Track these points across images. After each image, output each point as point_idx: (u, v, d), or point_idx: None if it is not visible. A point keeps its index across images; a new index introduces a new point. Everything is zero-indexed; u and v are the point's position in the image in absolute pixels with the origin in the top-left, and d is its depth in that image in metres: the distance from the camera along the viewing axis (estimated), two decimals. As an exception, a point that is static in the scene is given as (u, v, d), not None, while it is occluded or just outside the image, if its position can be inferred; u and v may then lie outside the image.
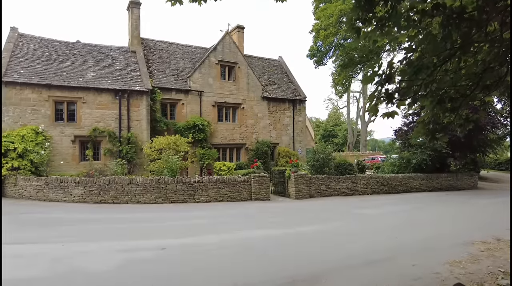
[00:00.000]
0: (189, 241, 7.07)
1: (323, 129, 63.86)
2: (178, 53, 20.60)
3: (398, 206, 12.91)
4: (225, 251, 6.40)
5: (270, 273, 5.29)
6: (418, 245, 7.21)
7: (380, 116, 3.97)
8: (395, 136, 22.26)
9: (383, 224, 9.39)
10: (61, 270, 5.19)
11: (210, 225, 8.90)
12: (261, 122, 21.30)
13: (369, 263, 5.91)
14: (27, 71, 14.77)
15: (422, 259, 6.15)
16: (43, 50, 16.43)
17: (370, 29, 3.77)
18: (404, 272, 5.51)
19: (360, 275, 5.32)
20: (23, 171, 12.81)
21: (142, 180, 12.12)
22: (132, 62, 17.88)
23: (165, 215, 10.23)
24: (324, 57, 24.62)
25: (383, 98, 3.80)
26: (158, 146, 13.93)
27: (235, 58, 20.31)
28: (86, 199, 11.85)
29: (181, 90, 18.45)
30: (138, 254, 6.05)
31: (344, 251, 6.60)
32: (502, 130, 22.44)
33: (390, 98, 3.81)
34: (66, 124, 15.15)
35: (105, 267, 5.36)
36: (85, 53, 17.34)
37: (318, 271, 5.42)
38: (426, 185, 18.16)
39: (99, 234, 7.52)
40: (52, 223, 8.62)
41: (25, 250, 6.17)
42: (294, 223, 9.28)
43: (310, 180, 14.76)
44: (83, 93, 15.33)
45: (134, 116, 16.27)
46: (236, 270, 5.36)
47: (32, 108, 14.44)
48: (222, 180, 13.12)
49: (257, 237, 7.57)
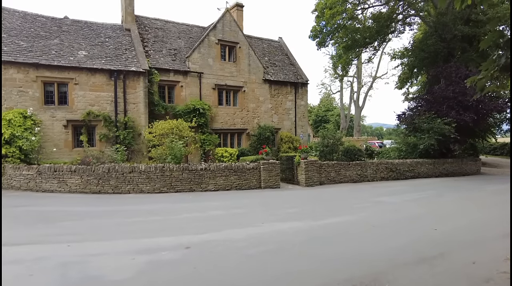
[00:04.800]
0: (212, 237, 6.24)
1: (315, 114, 63.22)
2: (175, 32, 19.27)
3: (414, 193, 12.36)
4: (259, 249, 5.60)
5: (322, 276, 4.54)
6: (461, 238, 6.60)
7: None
8: (398, 120, 21.70)
9: (410, 213, 8.78)
10: (74, 279, 4.30)
11: (228, 217, 8.09)
12: (262, 107, 20.37)
13: (423, 260, 5.25)
14: (11, 49, 13.34)
15: (478, 255, 5.53)
16: (27, 26, 14.93)
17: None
18: (468, 272, 4.87)
19: (422, 276, 4.63)
20: (11, 159, 11.63)
21: (145, 167, 11.15)
22: (127, 41, 16.53)
23: (175, 206, 9.35)
24: (327, 38, 23.57)
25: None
26: (160, 131, 12.89)
27: (235, 38, 19.14)
28: (84, 189, 10.84)
29: (179, 72, 17.26)
30: (160, 256, 5.20)
31: (388, 246, 5.90)
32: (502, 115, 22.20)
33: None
34: (57, 108, 13.87)
35: (125, 274, 4.49)
36: (75, 30, 15.89)
37: (374, 272, 4.71)
38: (433, 170, 17.74)
39: (109, 231, 6.61)
40: (50, 217, 7.63)
41: (25, 253, 5.22)
42: (316, 214, 8.56)
43: (320, 166, 14.05)
44: (75, 73, 14.02)
45: (131, 99, 15.08)
46: (283, 275, 4.58)
47: (19, 90, 13.11)
48: (231, 167, 12.26)
49: (285, 231, 6.80)
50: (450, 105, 18.47)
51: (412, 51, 24.18)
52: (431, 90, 20.30)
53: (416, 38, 26.80)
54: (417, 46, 23.18)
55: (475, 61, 20.80)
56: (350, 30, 22.71)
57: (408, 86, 30.96)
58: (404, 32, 21.94)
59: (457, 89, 18.44)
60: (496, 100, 19.54)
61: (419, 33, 27.62)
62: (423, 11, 23.89)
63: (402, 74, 28.28)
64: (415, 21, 26.26)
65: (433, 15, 22.66)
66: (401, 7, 24.24)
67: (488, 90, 3.22)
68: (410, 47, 25.68)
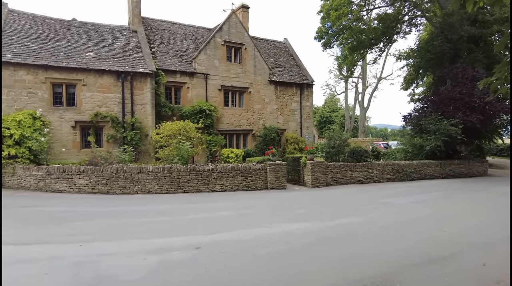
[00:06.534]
0: (222, 237, 6.29)
1: (319, 115, 63.07)
2: (181, 33, 19.39)
3: (421, 195, 12.32)
4: (268, 249, 5.64)
5: (332, 276, 4.57)
6: (470, 239, 6.60)
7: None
8: (404, 122, 21.62)
9: (417, 215, 8.77)
10: (87, 279, 4.36)
11: (236, 217, 8.13)
12: (268, 108, 20.41)
13: (432, 261, 5.25)
14: (21, 51, 13.53)
15: (487, 257, 5.53)
16: (36, 28, 15.11)
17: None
18: (479, 274, 4.87)
19: (432, 277, 4.64)
20: (21, 160, 11.78)
21: (153, 168, 11.23)
22: (134, 43, 16.66)
23: (183, 207, 9.42)
24: (333, 39, 23.56)
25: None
26: (167, 132, 12.97)
27: (241, 39, 19.21)
28: (93, 189, 10.94)
29: (186, 73, 17.36)
30: (171, 256, 5.25)
31: (396, 247, 5.91)
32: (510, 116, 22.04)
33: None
34: (66, 109, 14.02)
35: (138, 274, 4.54)
36: (83, 32, 16.06)
37: (384, 272, 4.72)
38: (440, 171, 17.65)
39: (118, 231, 6.68)
40: (60, 218, 7.72)
41: (38, 252, 5.30)
42: (324, 215, 8.58)
43: (327, 167, 14.06)
44: (83, 75, 14.17)
45: (138, 100, 15.20)
46: (294, 275, 4.61)
47: (28, 91, 13.28)
48: (237, 168, 12.30)
49: (293, 231, 6.82)
50: (456, 107, 18.38)
51: (417, 52, 24.07)
52: (437, 91, 20.21)
53: (422, 39, 26.68)
54: (422, 47, 23.08)
55: (482, 62, 20.67)
56: (355, 31, 22.68)
57: (413, 87, 30.83)
58: (410, 33, 21.90)
59: (463, 90, 18.35)
60: (503, 102, 19.41)
61: (424, 33, 27.49)
62: (429, 12, 23.79)
63: (407, 75, 28.16)
64: (421, 22, 26.18)
65: (439, 16, 22.57)
66: (406, 8, 24.17)
67: (500, 92, 3.23)
68: (415, 48, 25.58)
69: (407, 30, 25.22)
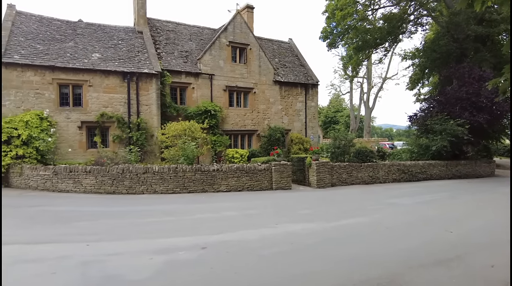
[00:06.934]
0: (227, 237, 6.31)
1: (324, 115, 62.90)
2: (186, 34, 19.46)
3: (427, 195, 12.24)
4: (273, 250, 5.64)
5: (337, 276, 4.57)
6: (477, 240, 6.56)
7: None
8: (409, 122, 21.49)
9: (423, 215, 8.72)
10: (95, 278, 4.40)
11: (241, 218, 8.15)
12: (273, 108, 20.41)
13: (439, 262, 5.22)
14: (28, 52, 13.68)
15: (495, 258, 5.48)
16: (43, 29, 15.26)
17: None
18: (486, 275, 4.83)
19: (438, 278, 4.62)
20: (28, 160, 11.92)
21: (158, 168, 11.29)
22: (139, 43, 16.76)
23: (188, 207, 9.46)
24: (338, 39, 23.49)
25: None
26: (173, 132, 13.03)
27: (246, 39, 19.23)
28: (99, 189, 11.03)
29: (191, 73, 17.42)
30: (177, 256, 5.28)
31: (402, 248, 5.89)
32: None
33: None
34: (72, 109, 14.15)
35: (144, 273, 4.57)
36: (89, 33, 16.19)
37: (390, 273, 4.71)
38: (446, 172, 17.51)
39: (125, 231, 6.73)
40: (67, 217, 7.80)
41: (46, 251, 5.36)
42: (329, 215, 8.57)
43: (332, 168, 14.02)
44: (89, 75, 14.29)
45: (144, 101, 15.29)
46: (299, 275, 4.61)
47: (36, 92, 13.42)
48: (242, 168, 12.32)
49: (298, 232, 6.82)
50: (463, 107, 18.22)
51: (423, 52, 23.92)
52: (443, 91, 20.05)
53: (428, 38, 26.50)
54: (428, 47, 22.92)
55: (489, 62, 20.46)
56: (360, 31, 22.59)
57: (419, 87, 30.62)
58: (416, 33, 21.81)
59: (470, 90, 18.19)
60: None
61: (430, 33, 27.30)
62: (435, 11, 23.62)
63: (413, 75, 27.99)
64: (427, 21, 26.00)
65: (446, 15, 22.39)
66: (412, 7, 24.03)
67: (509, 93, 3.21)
68: (421, 47, 25.42)
69: (412, 30, 25.09)
